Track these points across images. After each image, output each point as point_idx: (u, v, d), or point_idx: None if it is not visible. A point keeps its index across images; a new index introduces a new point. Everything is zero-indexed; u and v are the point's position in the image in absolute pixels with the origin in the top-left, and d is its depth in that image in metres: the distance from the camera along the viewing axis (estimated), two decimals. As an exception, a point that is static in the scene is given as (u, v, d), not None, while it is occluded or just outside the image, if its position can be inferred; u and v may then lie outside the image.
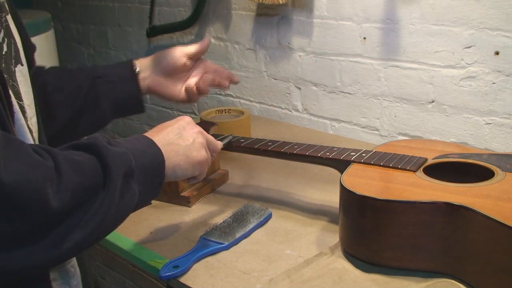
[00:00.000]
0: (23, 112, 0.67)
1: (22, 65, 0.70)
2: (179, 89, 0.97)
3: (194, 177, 0.77)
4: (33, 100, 0.72)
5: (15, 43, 0.69)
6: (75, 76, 0.93)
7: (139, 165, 0.65)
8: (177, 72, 0.96)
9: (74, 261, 0.74)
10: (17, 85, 0.67)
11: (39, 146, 0.57)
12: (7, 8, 0.70)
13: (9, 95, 0.62)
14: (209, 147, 0.79)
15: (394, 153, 0.87)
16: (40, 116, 0.75)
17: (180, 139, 0.74)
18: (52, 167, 0.55)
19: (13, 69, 0.67)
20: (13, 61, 0.67)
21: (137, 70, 0.94)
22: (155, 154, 0.69)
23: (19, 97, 0.66)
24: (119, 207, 0.61)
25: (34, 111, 0.71)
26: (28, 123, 0.68)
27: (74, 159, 0.58)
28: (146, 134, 0.73)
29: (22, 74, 0.69)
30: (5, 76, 0.63)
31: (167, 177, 0.71)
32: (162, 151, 0.69)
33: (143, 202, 0.68)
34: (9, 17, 0.69)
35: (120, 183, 0.60)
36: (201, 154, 0.75)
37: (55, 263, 0.60)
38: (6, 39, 0.66)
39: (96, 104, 0.91)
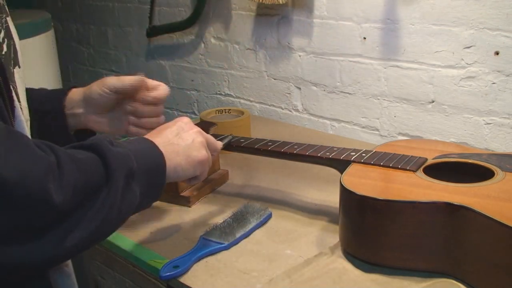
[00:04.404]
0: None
1: (19, 67, 0.69)
2: (124, 123, 0.88)
3: (196, 177, 0.77)
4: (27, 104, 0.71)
5: (14, 45, 0.69)
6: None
7: (140, 167, 0.65)
8: (111, 109, 0.87)
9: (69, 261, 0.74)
10: (15, 86, 0.66)
11: (41, 142, 0.57)
12: (7, 10, 0.70)
13: (10, 89, 0.61)
14: (209, 146, 0.79)
15: (394, 153, 0.87)
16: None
17: (179, 140, 0.74)
18: (54, 162, 0.54)
19: (12, 70, 0.67)
20: (12, 62, 0.67)
21: (65, 106, 0.84)
22: (156, 156, 0.69)
23: (17, 98, 0.66)
24: (121, 208, 0.60)
25: (28, 114, 0.71)
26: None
27: (77, 157, 0.58)
28: (146, 136, 0.73)
29: (19, 76, 0.69)
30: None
31: (168, 178, 0.71)
32: (163, 152, 0.69)
33: (143, 204, 0.68)
34: (9, 19, 0.69)
35: (122, 183, 0.60)
36: (202, 153, 0.75)
37: (56, 262, 0.60)
38: (6, 40, 0.66)
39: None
